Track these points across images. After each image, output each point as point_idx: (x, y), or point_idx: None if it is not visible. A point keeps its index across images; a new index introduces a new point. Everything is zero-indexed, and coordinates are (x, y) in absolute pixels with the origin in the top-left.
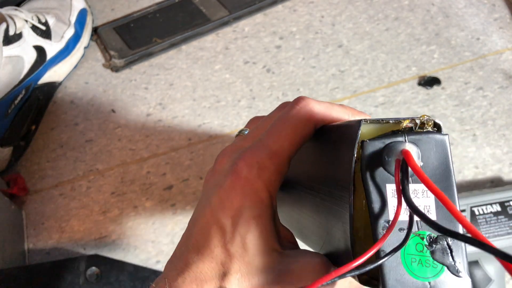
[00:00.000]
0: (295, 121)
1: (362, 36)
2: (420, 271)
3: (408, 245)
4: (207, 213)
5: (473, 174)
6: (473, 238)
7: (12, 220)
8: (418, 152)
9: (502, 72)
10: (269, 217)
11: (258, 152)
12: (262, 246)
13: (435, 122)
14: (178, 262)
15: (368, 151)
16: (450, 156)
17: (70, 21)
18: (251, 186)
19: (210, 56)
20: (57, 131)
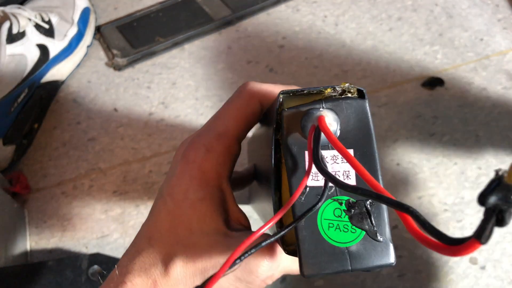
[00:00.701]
0: (239, 102)
1: (365, 36)
2: (338, 237)
3: (326, 210)
4: (159, 202)
5: (476, 175)
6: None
7: (15, 218)
8: (335, 118)
9: (506, 73)
10: (216, 198)
11: (204, 135)
12: (206, 227)
13: (358, 89)
14: (131, 249)
15: (287, 120)
16: (371, 120)
17: (73, 19)
18: (198, 169)
19: (213, 56)
20: (60, 129)
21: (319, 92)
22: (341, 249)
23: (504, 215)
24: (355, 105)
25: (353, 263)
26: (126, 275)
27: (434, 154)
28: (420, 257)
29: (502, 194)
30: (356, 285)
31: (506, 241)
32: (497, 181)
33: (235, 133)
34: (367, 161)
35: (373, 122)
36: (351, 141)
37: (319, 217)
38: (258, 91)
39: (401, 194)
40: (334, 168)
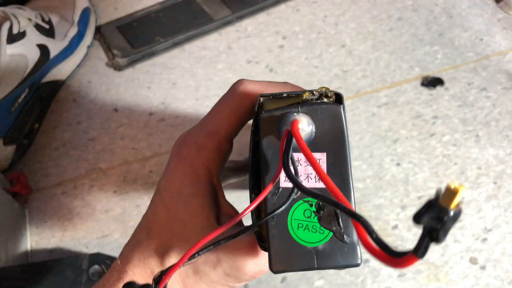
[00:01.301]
0: (231, 101)
1: (365, 36)
2: (306, 236)
3: (296, 211)
4: (157, 196)
5: (476, 175)
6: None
7: (15, 218)
8: (310, 122)
9: (506, 73)
10: (207, 194)
11: (196, 133)
12: (198, 223)
13: (336, 93)
14: (131, 240)
15: (264, 122)
16: (345, 125)
17: (73, 20)
18: (190, 166)
19: (213, 56)
20: (60, 129)
21: (297, 95)
22: (309, 248)
23: (438, 234)
24: (330, 110)
25: (319, 262)
26: (127, 264)
27: (434, 154)
28: None
29: (435, 215)
30: (356, 285)
31: (506, 241)
32: (432, 202)
33: (227, 131)
34: (338, 166)
35: (347, 127)
36: (324, 145)
37: (290, 217)
38: (251, 90)
39: (401, 194)
40: (307, 170)
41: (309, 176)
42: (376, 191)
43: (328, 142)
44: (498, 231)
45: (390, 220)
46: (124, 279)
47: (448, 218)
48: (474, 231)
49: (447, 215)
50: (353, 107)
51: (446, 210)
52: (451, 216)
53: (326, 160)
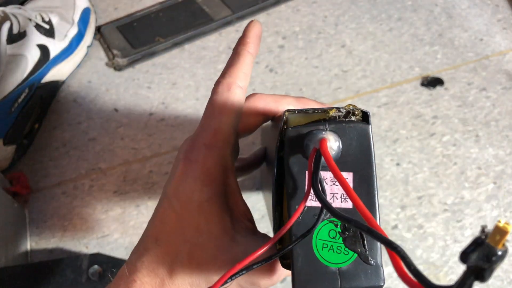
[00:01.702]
0: (220, 99)
1: (365, 36)
2: (331, 257)
3: (321, 231)
4: (164, 202)
5: (476, 175)
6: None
7: (15, 218)
8: (337, 140)
9: (506, 73)
10: (221, 196)
11: (201, 135)
12: (214, 229)
13: (363, 112)
14: (139, 247)
15: (290, 139)
16: (372, 145)
17: (73, 20)
18: (201, 168)
19: (213, 56)
20: (60, 129)
21: (324, 112)
22: (333, 269)
23: (484, 274)
24: (358, 129)
25: (343, 283)
26: (135, 273)
27: (434, 154)
28: (420, 257)
29: (483, 254)
30: None
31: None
32: (480, 241)
33: (230, 125)
34: (365, 186)
35: (374, 147)
36: (351, 165)
37: (314, 237)
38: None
39: (401, 194)
40: (333, 190)
41: (335, 196)
42: None
43: (354, 162)
44: None
45: (390, 220)
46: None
47: (496, 258)
48: (474, 231)
49: (495, 255)
50: None
51: (494, 250)
52: (499, 255)
53: (352, 179)
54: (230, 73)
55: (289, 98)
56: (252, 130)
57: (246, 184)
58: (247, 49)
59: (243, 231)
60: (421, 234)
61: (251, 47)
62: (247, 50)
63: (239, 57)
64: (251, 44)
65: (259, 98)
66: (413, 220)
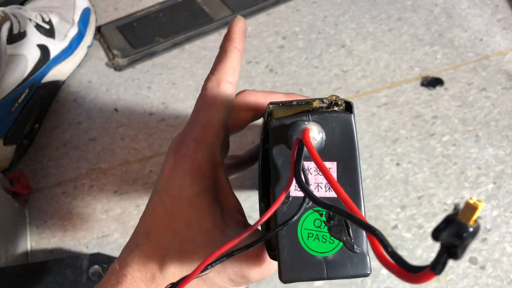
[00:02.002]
0: (209, 94)
1: (365, 36)
2: (316, 246)
3: (306, 220)
4: (155, 197)
5: (476, 175)
6: (350, 214)
7: (15, 218)
8: (320, 130)
9: (505, 73)
10: (211, 190)
11: (191, 129)
12: (204, 224)
13: (346, 102)
14: (130, 243)
15: (273, 130)
16: (355, 134)
17: (73, 20)
18: (191, 162)
19: (213, 56)
20: (60, 129)
21: (307, 103)
22: (318, 258)
23: (456, 251)
24: (341, 118)
25: (329, 272)
26: (126, 268)
27: (434, 154)
28: (420, 257)
29: (454, 231)
30: (356, 285)
31: (505, 241)
32: (451, 218)
33: (219, 119)
34: (349, 175)
35: (357, 136)
36: (335, 154)
37: (300, 227)
38: (220, 78)
39: (401, 194)
40: (317, 179)
41: (319, 185)
42: (376, 191)
43: (338, 151)
44: (498, 231)
45: (390, 220)
46: (123, 283)
47: (467, 234)
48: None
49: (466, 231)
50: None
51: (465, 226)
52: (470, 232)
53: (336, 169)
54: (218, 69)
55: (279, 94)
56: (242, 125)
57: (246, 184)
58: (233, 45)
59: (234, 224)
60: (421, 234)
61: (237, 42)
62: (234, 46)
63: (226, 53)
64: (237, 40)
65: (249, 94)
66: (413, 220)
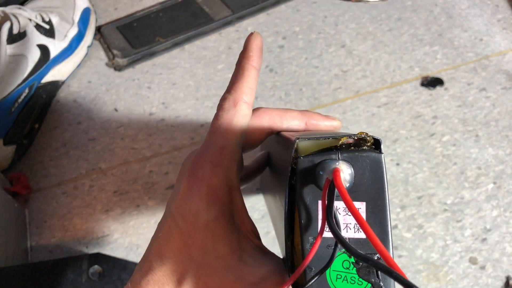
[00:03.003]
0: (226, 115)
1: (365, 36)
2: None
3: (335, 262)
4: (169, 220)
5: (476, 175)
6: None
7: (15, 218)
8: (350, 170)
9: (505, 73)
10: (228, 215)
11: (207, 151)
12: (221, 249)
13: (374, 139)
14: (143, 265)
15: (302, 168)
16: (385, 174)
17: (73, 20)
18: (207, 186)
19: (213, 56)
20: (60, 129)
21: (335, 139)
22: None
23: None
24: (371, 158)
25: None
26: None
27: (434, 154)
28: (420, 257)
29: None
30: None
31: (505, 241)
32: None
33: (235, 142)
34: (378, 216)
35: (387, 176)
36: (364, 194)
37: (329, 269)
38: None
39: (401, 194)
40: (346, 220)
41: (348, 226)
42: None
43: (367, 191)
44: (498, 231)
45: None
46: None
47: None
48: (474, 231)
49: None
50: (353, 107)
51: None
52: None
53: (365, 209)
54: (235, 88)
55: (294, 112)
56: (256, 145)
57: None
58: (251, 63)
59: (251, 250)
60: (421, 234)
61: (254, 60)
62: (251, 64)
63: (243, 72)
64: (254, 57)
65: (264, 113)
66: (413, 220)
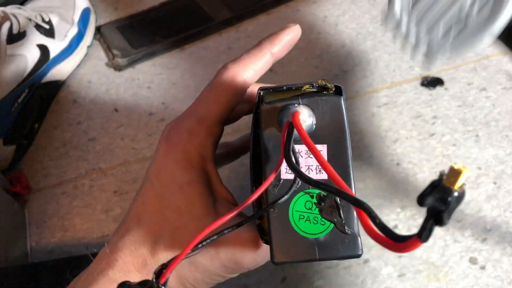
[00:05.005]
0: (218, 86)
1: (365, 36)
2: (308, 228)
3: (297, 202)
4: (146, 183)
5: (476, 175)
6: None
7: (15, 218)
8: (310, 113)
9: (506, 73)
10: (202, 181)
11: (187, 119)
12: (195, 211)
13: (336, 86)
14: (120, 228)
15: (264, 114)
16: (345, 116)
17: (73, 20)
18: (182, 152)
19: (213, 56)
20: (60, 129)
21: (298, 88)
22: (310, 239)
23: (442, 216)
24: (331, 101)
25: (320, 253)
26: (117, 253)
27: (434, 154)
28: (420, 257)
29: (439, 196)
30: (356, 285)
31: (506, 241)
32: (436, 183)
33: (217, 116)
34: (339, 157)
35: (348, 118)
36: (325, 137)
37: (291, 209)
38: (237, 72)
39: (401, 194)
40: (308, 162)
41: (310, 168)
42: (376, 191)
43: (328, 134)
44: (498, 231)
45: (390, 220)
46: (114, 268)
47: (452, 199)
48: (474, 231)
49: (451, 196)
50: (353, 107)
51: (450, 190)
52: (455, 196)
53: (327, 151)
54: (241, 62)
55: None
56: (237, 118)
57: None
58: (270, 48)
59: (226, 212)
60: None
61: (276, 49)
62: (270, 50)
63: (258, 52)
64: (278, 47)
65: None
66: (413, 220)
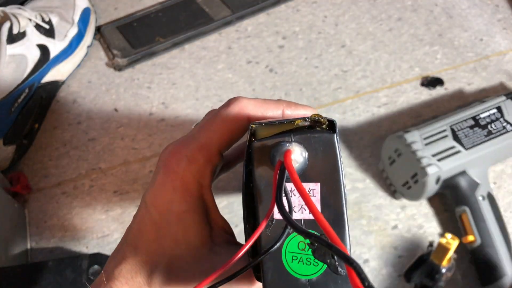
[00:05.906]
0: (225, 115)
1: (365, 36)
2: (301, 269)
3: (290, 243)
4: (143, 210)
5: None
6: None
7: (15, 218)
8: (303, 151)
9: (506, 73)
10: (199, 210)
11: (187, 146)
12: (192, 240)
13: (329, 120)
14: (116, 255)
15: (256, 151)
16: (339, 154)
17: (73, 20)
18: (180, 180)
19: (213, 56)
20: (60, 129)
21: (290, 122)
22: (303, 281)
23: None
24: (323, 139)
25: None
26: (113, 281)
27: None
28: None
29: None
30: None
31: None
32: (424, 258)
33: (218, 145)
34: (333, 195)
35: (341, 155)
36: (318, 175)
37: (284, 250)
38: (246, 108)
39: None
40: (301, 201)
41: (303, 207)
42: (376, 191)
43: (321, 172)
44: None
45: (390, 220)
46: None
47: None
48: None
49: (438, 272)
50: (353, 107)
51: (438, 268)
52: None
53: (320, 190)
54: (254, 101)
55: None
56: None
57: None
58: (285, 108)
59: (223, 243)
60: (421, 234)
61: (289, 112)
62: (285, 109)
63: (274, 103)
64: (291, 112)
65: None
66: (413, 220)
